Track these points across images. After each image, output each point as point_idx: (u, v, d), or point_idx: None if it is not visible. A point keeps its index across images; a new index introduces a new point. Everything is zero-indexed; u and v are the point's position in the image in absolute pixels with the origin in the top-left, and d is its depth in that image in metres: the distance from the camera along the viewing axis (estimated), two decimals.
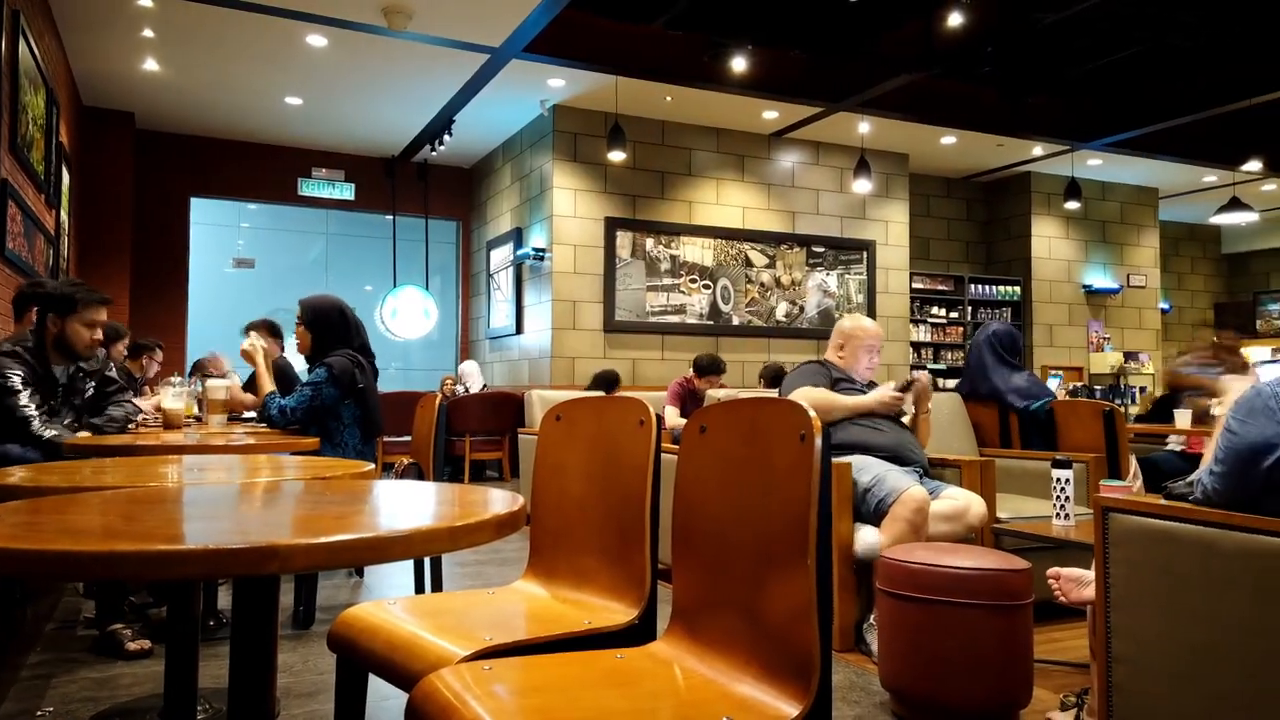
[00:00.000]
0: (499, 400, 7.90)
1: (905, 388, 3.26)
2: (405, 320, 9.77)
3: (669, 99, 7.96)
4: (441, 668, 1.32)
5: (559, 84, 7.59)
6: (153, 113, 8.21)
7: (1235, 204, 8.91)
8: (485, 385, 8.88)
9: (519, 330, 8.91)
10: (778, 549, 1.34)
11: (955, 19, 6.24)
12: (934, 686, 2.33)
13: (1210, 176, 10.38)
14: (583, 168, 8.31)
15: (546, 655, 1.42)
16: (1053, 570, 2.29)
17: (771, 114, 8.33)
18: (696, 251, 8.68)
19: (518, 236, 8.86)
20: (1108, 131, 8.81)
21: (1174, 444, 4.69)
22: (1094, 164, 10.01)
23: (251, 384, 4.12)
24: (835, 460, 2.99)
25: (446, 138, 8.43)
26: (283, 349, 4.67)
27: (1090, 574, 2.11)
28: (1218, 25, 7.20)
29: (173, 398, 3.65)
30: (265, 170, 9.23)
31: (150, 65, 6.98)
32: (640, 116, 8.37)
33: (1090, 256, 10.84)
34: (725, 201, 8.86)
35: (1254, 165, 9.19)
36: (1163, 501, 2.01)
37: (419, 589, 3.35)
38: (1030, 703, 2.38)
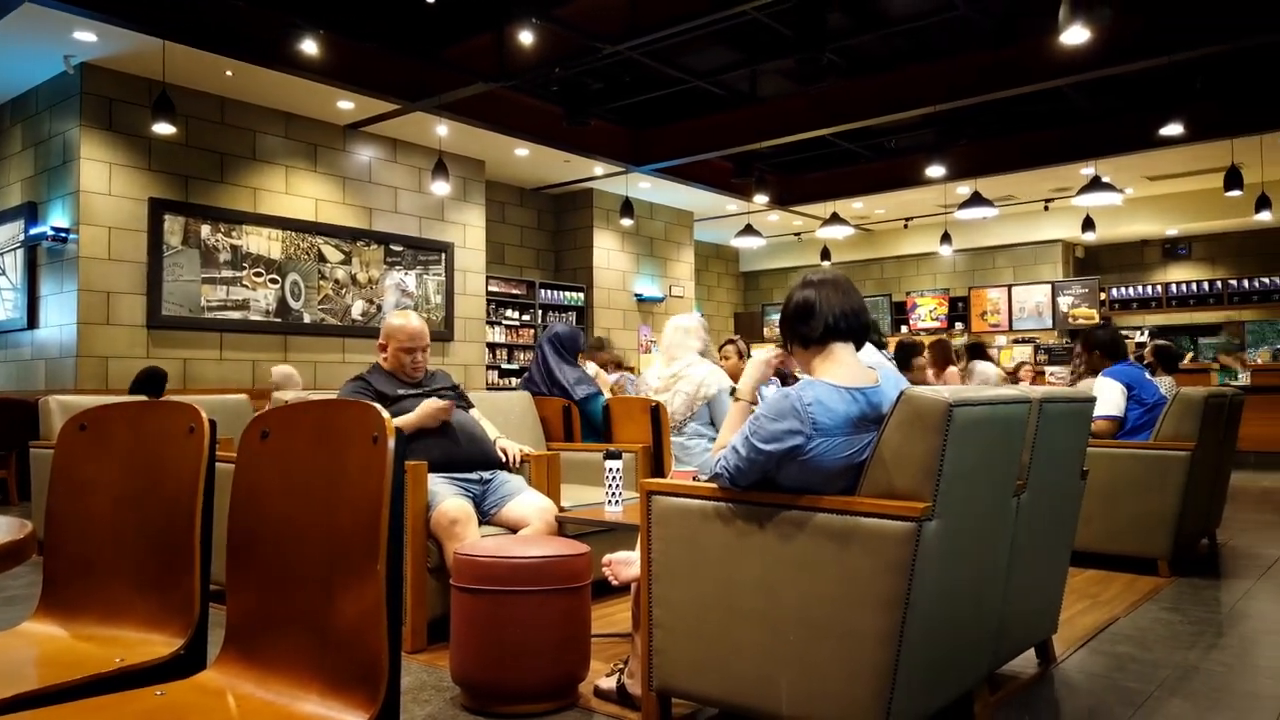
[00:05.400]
0: (3, 408, 6.55)
1: (452, 392, 3.32)
2: None
3: (229, 73, 7.25)
4: None
5: (89, 39, 6.50)
6: None
7: (749, 230, 10.64)
8: None
9: (32, 324, 7.46)
10: (347, 555, 1.31)
11: (526, 37, 6.57)
12: (503, 673, 2.44)
13: (732, 205, 12.24)
14: (120, 139, 7.22)
15: (65, 705, 1.23)
16: (606, 557, 2.54)
17: (347, 105, 8.01)
18: (263, 243, 8.03)
19: (31, 212, 7.41)
20: (654, 158, 9.96)
21: None
22: (645, 186, 11.23)
23: None
24: (410, 462, 2.98)
25: None
26: None
27: (636, 555, 2.38)
28: (738, 74, 8.53)
29: None
30: None
31: None
32: (195, 89, 7.51)
33: (641, 268, 12.15)
34: (296, 192, 8.32)
35: (762, 199, 11.06)
36: (693, 482, 2.34)
37: None
38: (589, 675, 2.60)
